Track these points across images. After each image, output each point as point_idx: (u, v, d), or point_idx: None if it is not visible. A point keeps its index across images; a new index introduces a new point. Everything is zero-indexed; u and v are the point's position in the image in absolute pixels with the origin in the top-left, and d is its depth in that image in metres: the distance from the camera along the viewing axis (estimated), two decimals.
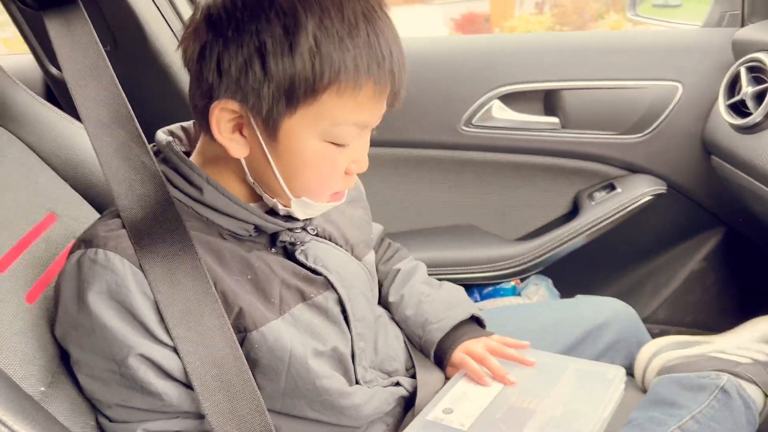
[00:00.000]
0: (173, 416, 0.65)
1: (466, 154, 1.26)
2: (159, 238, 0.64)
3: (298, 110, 0.63)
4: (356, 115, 0.65)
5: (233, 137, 0.66)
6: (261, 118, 0.64)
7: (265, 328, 0.67)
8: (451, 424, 0.74)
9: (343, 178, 0.70)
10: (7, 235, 0.68)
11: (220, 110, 0.64)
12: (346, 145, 0.67)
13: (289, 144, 0.65)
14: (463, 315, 0.89)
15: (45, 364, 0.65)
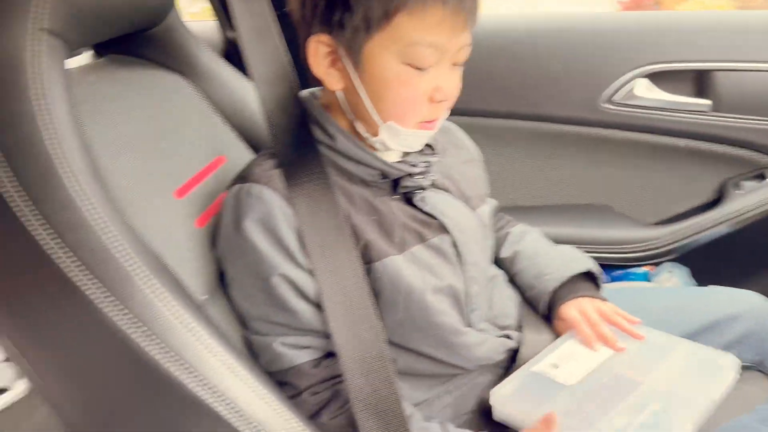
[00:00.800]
0: (305, 333, 0.75)
1: (605, 132, 1.24)
2: (305, 177, 0.74)
3: (376, 34, 0.70)
4: (429, 35, 0.70)
5: (329, 71, 0.75)
6: (347, 46, 0.72)
7: (388, 260, 0.75)
8: (556, 379, 0.77)
9: (428, 106, 0.75)
10: (186, 168, 0.83)
11: (315, 43, 0.74)
12: (425, 68, 0.72)
13: (372, 68, 0.72)
14: (581, 268, 0.91)
15: (206, 280, 0.78)
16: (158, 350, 0.59)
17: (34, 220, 0.57)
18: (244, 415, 0.61)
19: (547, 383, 0.77)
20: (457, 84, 0.77)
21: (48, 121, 0.58)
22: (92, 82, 0.80)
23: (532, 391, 0.76)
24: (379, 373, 0.71)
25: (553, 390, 0.76)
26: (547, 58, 1.21)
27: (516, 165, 1.33)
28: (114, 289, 0.58)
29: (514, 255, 0.97)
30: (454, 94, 0.77)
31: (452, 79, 0.76)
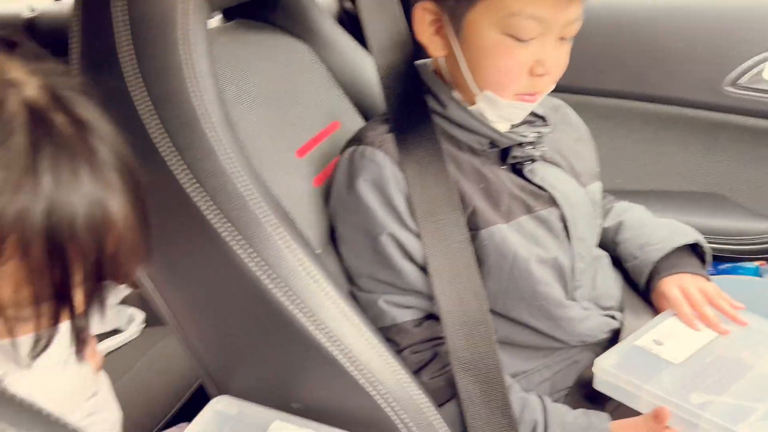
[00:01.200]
0: (408, 293, 0.77)
1: (726, 117, 1.17)
2: (416, 143, 0.76)
3: (478, 3, 0.70)
4: (530, 7, 0.69)
5: (433, 38, 0.77)
6: (450, 14, 0.73)
7: (494, 228, 0.76)
8: (661, 355, 0.76)
9: (528, 78, 0.74)
10: (306, 129, 0.86)
11: (421, 10, 0.75)
12: (526, 40, 0.71)
13: (472, 36, 0.73)
14: (688, 239, 0.89)
15: (320, 234, 0.82)
16: (282, 293, 0.63)
17: (178, 167, 0.62)
18: (357, 361, 0.64)
19: (652, 359, 0.76)
20: (562, 59, 0.76)
21: (192, 74, 0.63)
22: (224, 43, 0.85)
23: (637, 365, 0.75)
24: (481, 338, 0.73)
25: (659, 367, 0.75)
26: (668, 36, 1.16)
27: (627, 147, 1.29)
28: (246, 233, 0.63)
29: (618, 225, 0.95)
30: (559, 69, 0.76)
31: (557, 53, 0.74)
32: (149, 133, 0.62)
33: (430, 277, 0.75)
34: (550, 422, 0.74)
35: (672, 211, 1.20)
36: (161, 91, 0.62)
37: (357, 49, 1.02)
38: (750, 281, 1.09)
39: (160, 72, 0.62)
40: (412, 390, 0.69)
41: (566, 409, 0.77)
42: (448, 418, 0.73)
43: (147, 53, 0.62)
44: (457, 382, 0.73)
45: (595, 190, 0.89)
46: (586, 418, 0.75)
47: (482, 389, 0.72)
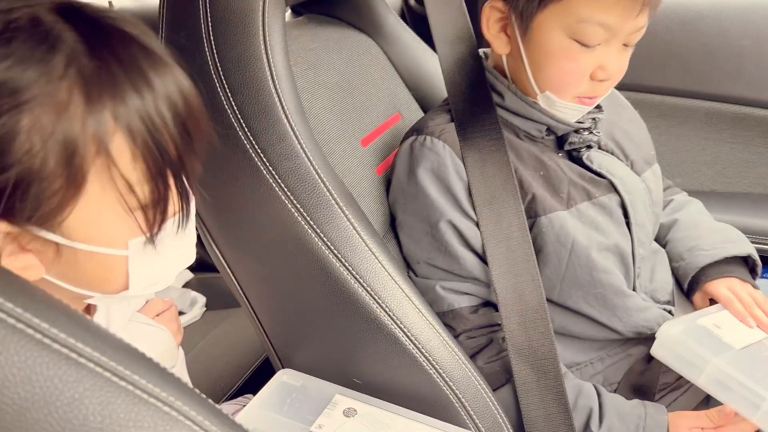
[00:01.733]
0: (465, 280, 0.79)
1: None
2: (477, 132, 0.78)
3: (549, 6, 0.72)
4: (600, 14, 0.70)
5: (499, 35, 0.79)
6: (519, 14, 0.74)
7: (553, 215, 0.77)
8: (723, 338, 0.76)
9: (589, 83, 0.76)
10: (371, 120, 0.90)
11: (490, 9, 0.77)
12: (591, 46, 0.72)
13: (539, 37, 0.74)
14: (739, 251, 0.88)
15: (382, 221, 0.85)
16: (346, 270, 0.66)
17: (252, 151, 0.66)
18: (416, 339, 0.67)
19: (714, 339, 0.76)
20: (624, 64, 0.77)
21: (271, 62, 0.67)
22: (296, 36, 0.89)
23: (700, 340, 0.75)
24: (537, 324, 0.74)
25: (721, 348, 0.74)
26: (735, 34, 1.14)
27: (689, 147, 1.27)
28: (314, 213, 0.66)
29: (672, 222, 0.95)
30: (620, 74, 0.77)
31: (619, 59, 0.76)
32: (229, 116, 0.66)
33: (488, 264, 0.76)
34: (606, 410, 0.75)
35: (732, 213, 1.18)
36: (240, 77, 0.67)
37: (419, 45, 1.05)
38: None
39: (239, 60, 0.67)
40: (470, 371, 0.71)
41: (622, 398, 0.77)
42: (503, 402, 0.75)
43: (228, 42, 0.66)
44: (512, 367, 0.74)
45: (650, 177, 0.89)
46: (642, 407, 0.76)
47: (537, 376, 0.74)
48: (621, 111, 0.94)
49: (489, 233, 0.77)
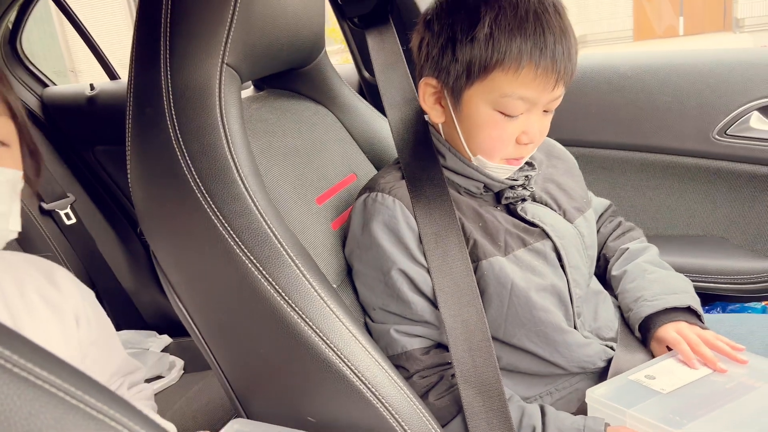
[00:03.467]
0: (416, 323, 0.85)
1: (719, 164, 1.24)
2: (426, 185, 0.86)
3: (475, 83, 0.81)
4: (520, 90, 0.79)
5: (434, 107, 0.88)
6: (450, 89, 0.83)
7: (493, 259, 0.84)
8: (651, 387, 0.80)
9: (515, 146, 0.84)
10: (326, 181, 0.98)
11: (425, 84, 0.87)
12: (515, 116, 0.81)
13: (468, 110, 0.83)
14: (680, 302, 0.92)
15: (337, 271, 0.91)
16: (297, 316, 0.72)
17: (209, 210, 0.74)
18: (365, 378, 0.72)
19: (642, 390, 0.80)
20: (545, 128, 0.86)
21: (227, 132, 0.75)
22: (255, 108, 0.98)
23: (625, 394, 0.80)
24: (482, 351, 0.80)
25: (646, 396, 0.79)
26: (656, 90, 1.25)
27: (627, 195, 1.36)
28: (267, 264, 0.73)
29: (623, 274, 1.01)
30: (542, 137, 0.86)
31: (540, 124, 0.85)
32: (188, 180, 0.74)
33: (436, 296, 0.82)
34: (548, 425, 0.79)
35: (676, 254, 1.26)
36: (199, 145, 0.75)
37: (372, 112, 1.14)
38: (753, 316, 1.11)
39: (198, 130, 0.75)
40: (416, 406, 0.76)
41: (566, 414, 0.82)
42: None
43: (187, 115, 0.75)
44: (460, 392, 0.78)
45: (582, 223, 0.96)
46: (582, 421, 0.80)
47: (483, 399, 0.78)
48: (557, 163, 1.02)
49: (436, 267, 0.83)
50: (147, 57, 0.77)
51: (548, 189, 0.97)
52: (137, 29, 0.78)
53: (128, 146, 0.79)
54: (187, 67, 0.75)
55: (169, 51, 0.75)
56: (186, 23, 0.75)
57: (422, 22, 0.87)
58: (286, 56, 0.94)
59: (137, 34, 0.78)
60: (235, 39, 0.76)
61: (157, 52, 0.76)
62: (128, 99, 0.79)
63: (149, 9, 0.77)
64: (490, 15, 0.78)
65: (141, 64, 0.78)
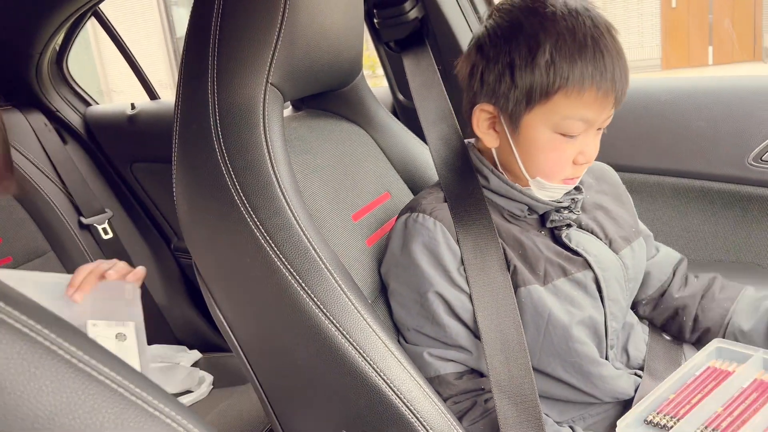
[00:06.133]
0: (450, 347, 0.85)
1: (753, 190, 1.23)
2: (467, 206, 0.87)
3: (535, 108, 0.81)
4: (581, 112, 0.80)
5: (488, 132, 0.88)
6: (507, 115, 0.83)
7: (532, 288, 0.84)
8: None
9: (572, 167, 0.85)
10: (362, 198, 1.00)
11: (480, 111, 0.87)
12: (574, 137, 0.82)
13: (528, 134, 0.83)
14: None
15: (371, 287, 0.93)
16: (335, 329, 0.74)
17: (252, 223, 0.76)
18: (399, 391, 0.73)
19: None
20: (597, 147, 0.87)
21: (270, 148, 0.78)
22: (294, 127, 1.01)
23: None
24: (519, 362, 0.80)
25: None
26: (691, 116, 1.26)
27: (661, 219, 1.36)
28: (306, 277, 0.75)
29: None
30: (595, 155, 0.87)
31: (595, 143, 0.86)
32: (232, 194, 0.76)
33: (476, 313, 0.82)
34: None
35: None
36: (243, 161, 0.77)
37: (407, 133, 1.17)
38: None
39: (242, 146, 0.78)
40: (453, 424, 0.76)
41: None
42: None
43: (233, 131, 0.78)
44: (496, 405, 0.78)
45: (627, 254, 0.95)
46: None
47: (518, 411, 0.78)
48: (606, 189, 1.02)
49: (477, 286, 0.83)
50: (195, 75, 0.80)
51: (596, 216, 0.96)
52: (186, 48, 0.82)
53: (174, 160, 0.82)
54: (234, 86, 0.78)
55: (217, 70, 0.78)
56: (233, 44, 0.78)
57: (473, 47, 0.87)
58: (326, 77, 0.97)
59: (186, 53, 0.82)
60: (279, 60, 0.79)
61: (205, 71, 0.79)
62: (175, 115, 0.82)
63: (199, 29, 0.80)
64: (549, 41, 0.79)
65: (189, 81, 0.81)
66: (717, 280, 1.04)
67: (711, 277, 1.05)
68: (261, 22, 0.78)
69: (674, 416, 0.82)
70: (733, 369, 0.89)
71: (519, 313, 0.83)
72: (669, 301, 1.03)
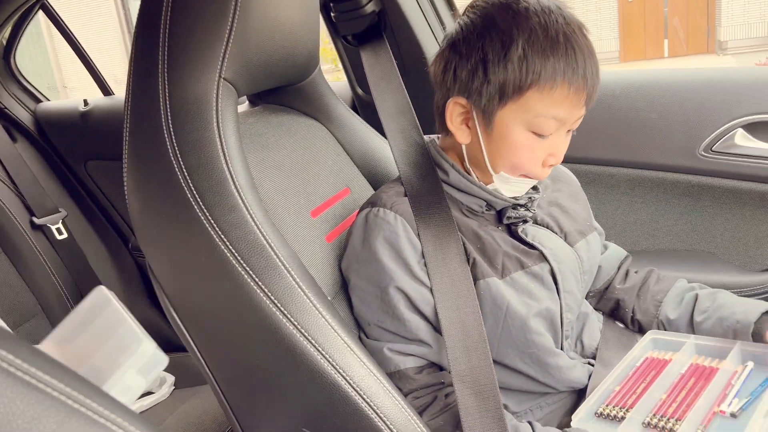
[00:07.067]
0: (411, 342, 0.85)
1: (705, 180, 1.27)
2: (428, 200, 0.87)
3: (508, 104, 0.81)
4: (554, 110, 0.81)
5: (460, 127, 0.88)
6: (480, 110, 0.84)
7: (491, 280, 0.85)
8: None
9: (539, 168, 0.85)
10: (321, 194, 0.99)
11: (453, 105, 0.86)
12: (546, 136, 0.82)
13: (501, 131, 0.84)
14: None
15: (331, 283, 0.92)
16: (293, 327, 0.73)
17: (206, 222, 0.74)
18: (359, 387, 0.73)
19: None
20: (566, 147, 0.88)
21: (224, 145, 0.76)
22: (250, 123, 0.99)
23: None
24: (478, 351, 0.80)
25: None
26: (644, 109, 1.28)
27: (617, 210, 1.39)
28: (263, 276, 0.73)
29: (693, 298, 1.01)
30: (563, 155, 0.88)
31: (565, 143, 0.87)
32: (185, 192, 0.74)
33: (437, 305, 0.82)
34: None
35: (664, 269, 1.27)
36: (196, 159, 0.76)
37: (366, 128, 1.16)
38: None
39: (195, 143, 0.76)
40: (414, 419, 0.76)
41: (554, 430, 0.83)
42: None
43: (185, 128, 0.76)
44: (457, 397, 0.78)
45: (582, 247, 0.97)
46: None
47: (478, 400, 0.78)
48: (562, 187, 1.04)
49: (438, 279, 0.83)
50: (145, 71, 0.78)
51: (551, 212, 0.98)
52: (136, 43, 0.80)
53: (125, 159, 0.80)
54: (185, 81, 0.77)
55: (167, 65, 0.76)
56: (184, 38, 0.76)
57: (447, 45, 0.87)
58: (281, 71, 0.96)
59: (136, 47, 0.79)
60: (232, 53, 0.77)
61: (155, 66, 0.77)
62: (126, 112, 0.80)
63: (148, 23, 0.78)
64: (522, 37, 0.79)
65: (139, 77, 0.79)
66: (653, 273, 1.08)
67: (648, 271, 1.09)
68: (212, 15, 0.76)
69: (623, 407, 0.85)
70: (669, 357, 0.92)
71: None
72: (611, 293, 1.08)
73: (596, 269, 1.02)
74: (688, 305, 1.00)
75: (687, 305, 1.00)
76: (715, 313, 0.96)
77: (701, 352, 0.94)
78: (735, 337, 0.93)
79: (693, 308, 0.99)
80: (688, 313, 0.99)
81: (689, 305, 1.00)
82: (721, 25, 8.48)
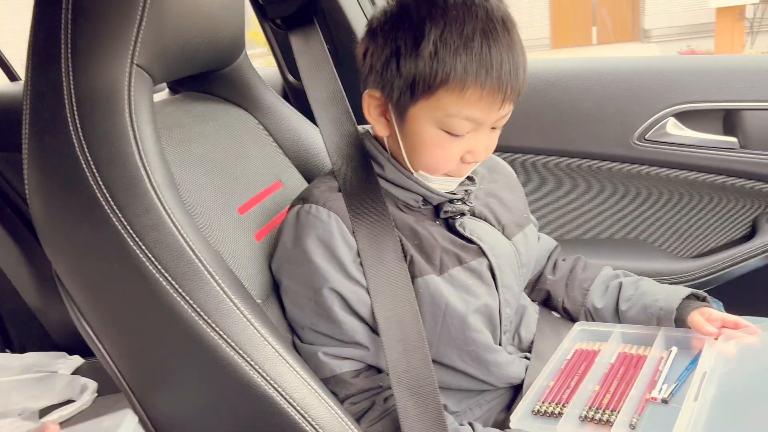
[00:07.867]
0: (346, 345, 0.81)
1: (638, 168, 1.29)
2: (363, 195, 0.82)
3: (419, 101, 0.78)
4: (466, 111, 0.77)
5: (378, 119, 0.84)
6: (394, 104, 0.80)
7: (428, 278, 0.82)
8: None
9: (458, 164, 0.82)
10: (249, 189, 0.93)
11: (369, 96, 0.83)
12: (460, 135, 0.79)
13: (413, 127, 0.80)
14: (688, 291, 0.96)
15: (262, 285, 0.86)
16: (219, 337, 0.67)
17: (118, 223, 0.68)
18: (292, 398, 0.68)
19: None
20: (492, 145, 0.84)
21: (138, 138, 0.69)
22: (169, 113, 0.92)
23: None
24: (417, 352, 0.77)
25: None
26: (579, 98, 1.28)
27: (553, 199, 1.39)
28: (183, 282, 0.67)
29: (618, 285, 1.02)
30: (487, 154, 0.84)
31: (487, 141, 0.83)
32: (94, 191, 0.67)
33: (374, 305, 0.78)
34: None
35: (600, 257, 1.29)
36: (106, 154, 0.68)
37: (298, 117, 1.10)
38: None
39: (105, 136, 0.68)
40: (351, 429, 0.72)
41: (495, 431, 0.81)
42: None
43: (93, 120, 0.68)
44: (396, 400, 0.75)
45: (520, 240, 0.95)
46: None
47: (417, 401, 0.75)
48: (499, 178, 1.01)
49: (374, 278, 0.79)
50: (46, 57, 0.70)
51: (488, 203, 0.95)
52: (34, 26, 0.71)
53: (25, 155, 0.72)
54: (93, 69, 0.69)
55: (71, 51, 0.68)
56: (91, 21, 0.69)
57: (366, 31, 0.83)
58: (203, 57, 0.89)
59: (34, 31, 0.71)
60: (145, 38, 0.70)
61: (57, 52, 0.69)
62: (24, 102, 0.72)
63: (48, 5, 0.70)
64: (435, 32, 0.74)
65: (39, 64, 0.70)
66: (579, 261, 1.08)
67: (575, 258, 1.09)
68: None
69: (558, 402, 0.84)
70: (598, 348, 0.93)
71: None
72: (542, 284, 1.08)
73: (534, 262, 1.01)
74: (613, 293, 1.01)
75: (612, 294, 1.01)
76: (639, 300, 0.97)
77: (627, 340, 0.95)
78: (659, 323, 0.94)
79: (618, 297, 1.00)
80: (614, 302, 1.00)
81: (614, 294, 1.00)
82: (646, 14, 8.79)
